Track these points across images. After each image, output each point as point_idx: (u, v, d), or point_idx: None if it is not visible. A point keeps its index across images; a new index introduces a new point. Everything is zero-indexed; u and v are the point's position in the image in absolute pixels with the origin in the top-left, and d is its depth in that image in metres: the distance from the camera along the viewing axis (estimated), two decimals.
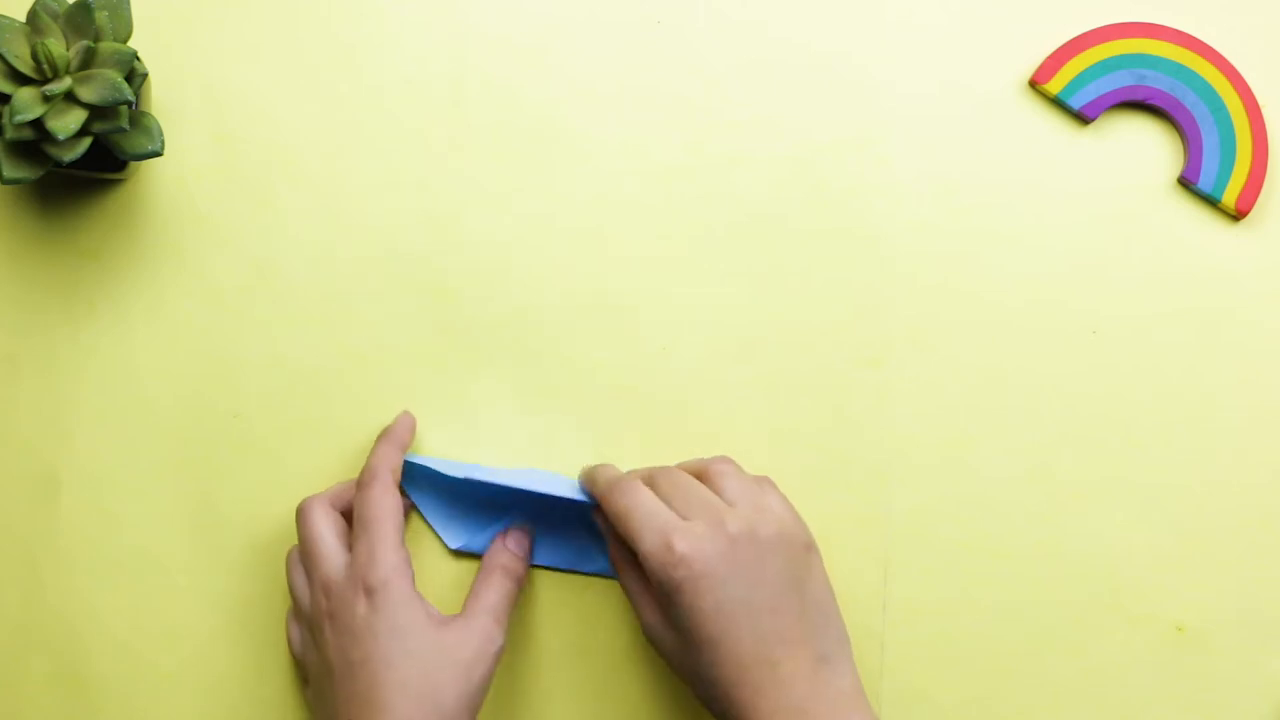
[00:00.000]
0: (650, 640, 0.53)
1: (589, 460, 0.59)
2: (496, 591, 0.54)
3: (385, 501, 0.53)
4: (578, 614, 0.58)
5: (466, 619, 0.52)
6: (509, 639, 0.55)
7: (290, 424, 0.58)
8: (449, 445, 0.58)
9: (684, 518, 0.51)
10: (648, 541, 0.50)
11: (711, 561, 0.49)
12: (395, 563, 0.51)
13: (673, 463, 0.57)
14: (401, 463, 0.56)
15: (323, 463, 0.58)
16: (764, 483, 0.54)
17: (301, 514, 0.55)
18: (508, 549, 0.56)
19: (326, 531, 0.54)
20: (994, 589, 0.58)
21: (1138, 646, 0.59)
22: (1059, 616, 0.59)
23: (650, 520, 0.51)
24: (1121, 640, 0.59)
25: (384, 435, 0.56)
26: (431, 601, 0.53)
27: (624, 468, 0.58)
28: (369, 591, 0.51)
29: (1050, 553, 0.59)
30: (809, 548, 0.53)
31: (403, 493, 0.57)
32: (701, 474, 0.54)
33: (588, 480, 0.55)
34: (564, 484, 0.57)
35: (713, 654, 0.49)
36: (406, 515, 0.57)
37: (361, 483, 0.54)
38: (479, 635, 0.52)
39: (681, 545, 0.49)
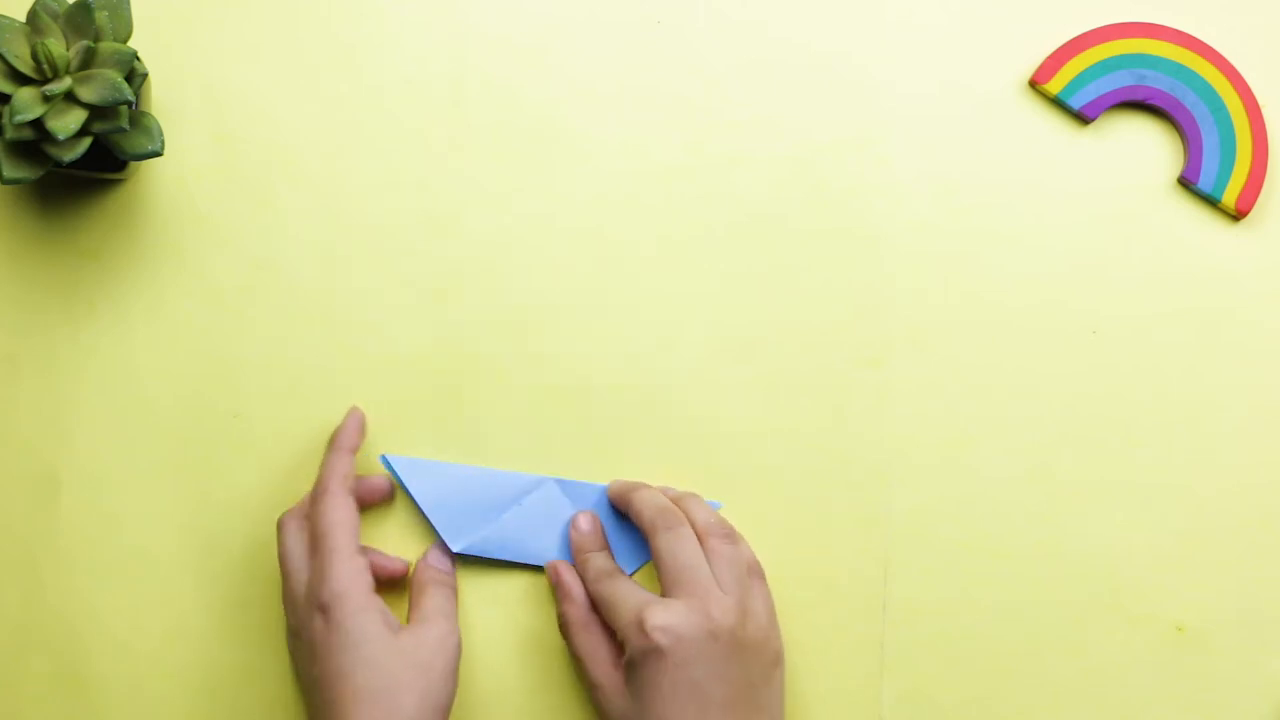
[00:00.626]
0: (596, 701, 0.53)
1: (588, 460, 0.58)
2: (438, 596, 0.54)
3: (335, 514, 0.53)
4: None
5: (417, 622, 0.53)
6: (465, 638, 0.55)
7: (290, 424, 0.58)
8: (448, 445, 0.58)
9: (672, 594, 0.52)
10: (624, 612, 0.52)
11: (682, 640, 0.50)
12: (348, 573, 0.51)
13: (671, 463, 0.57)
14: (352, 468, 0.55)
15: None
16: (756, 576, 0.55)
17: (277, 530, 0.55)
18: (431, 565, 0.56)
19: (294, 547, 0.54)
20: (994, 589, 0.58)
21: (1138, 646, 0.59)
22: (1059, 616, 0.59)
23: (630, 596, 0.52)
24: (1121, 640, 0.59)
25: (332, 441, 0.56)
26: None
27: (624, 468, 0.58)
28: (323, 608, 0.51)
29: (1050, 553, 0.59)
30: (776, 661, 0.53)
31: (403, 490, 0.57)
32: (701, 539, 0.54)
33: (580, 569, 0.56)
34: (565, 503, 0.57)
35: None
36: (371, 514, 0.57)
37: (313, 496, 0.54)
38: (433, 634, 0.52)
39: (657, 617, 0.50)
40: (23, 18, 0.51)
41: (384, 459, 0.57)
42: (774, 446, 0.59)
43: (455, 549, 0.57)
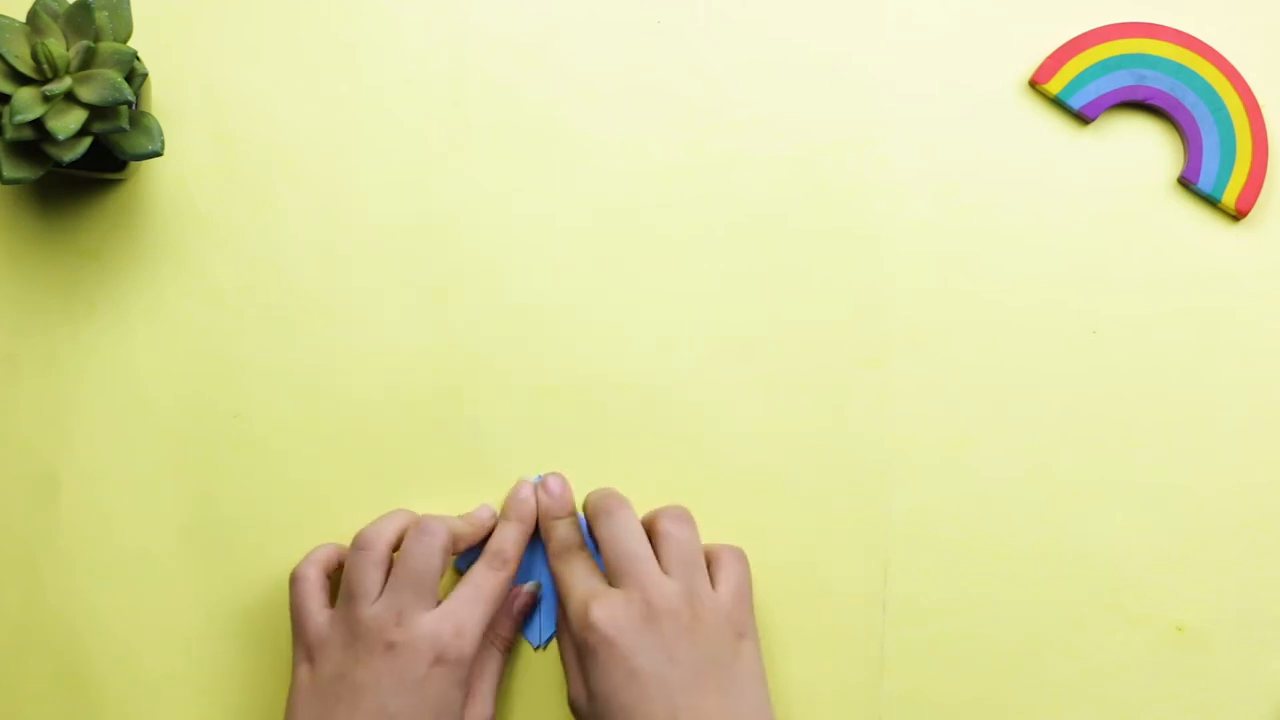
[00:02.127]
0: (572, 710, 0.53)
1: (588, 460, 0.59)
2: (494, 671, 0.54)
3: (499, 586, 0.53)
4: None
5: (477, 701, 0.53)
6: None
7: (290, 424, 0.58)
8: (448, 445, 0.58)
9: (615, 583, 0.52)
10: (572, 604, 0.52)
11: (624, 631, 0.50)
12: (477, 639, 0.52)
13: (671, 463, 0.57)
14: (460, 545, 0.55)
15: (323, 463, 0.58)
16: (726, 556, 0.55)
17: (423, 525, 0.54)
18: (500, 636, 0.55)
19: (374, 573, 0.53)
20: (994, 589, 0.58)
21: (1138, 646, 0.59)
22: (1059, 616, 0.59)
23: (578, 586, 0.53)
24: (1121, 640, 0.59)
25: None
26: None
27: (624, 468, 0.58)
28: (443, 656, 0.50)
29: (1050, 553, 0.59)
30: (742, 635, 0.53)
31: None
32: (650, 527, 0.54)
33: (545, 535, 0.56)
34: None
35: None
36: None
37: (486, 559, 0.54)
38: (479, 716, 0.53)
39: (596, 611, 0.51)
40: (23, 18, 0.51)
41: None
42: (774, 447, 0.59)
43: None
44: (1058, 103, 0.61)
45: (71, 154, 0.51)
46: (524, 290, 0.59)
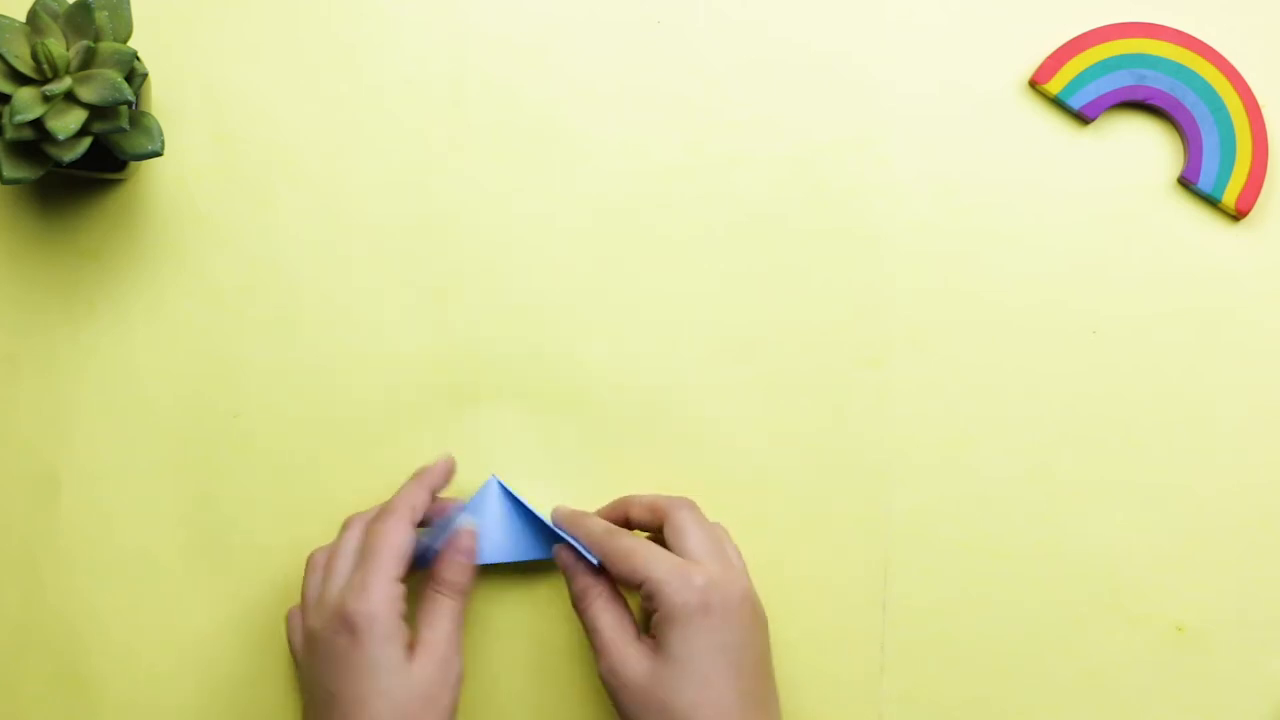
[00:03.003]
0: (614, 672, 0.51)
1: (588, 460, 0.59)
2: (448, 616, 0.53)
3: (393, 536, 0.52)
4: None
5: (428, 651, 0.52)
6: (466, 660, 0.54)
7: (290, 424, 0.58)
8: (448, 445, 0.58)
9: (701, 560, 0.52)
10: (663, 568, 0.51)
11: (728, 601, 0.50)
12: (386, 597, 0.51)
13: (671, 462, 0.57)
14: (424, 503, 0.55)
15: (323, 463, 0.58)
16: (720, 536, 0.55)
17: (348, 524, 0.55)
18: (446, 581, 0.54)
19: (346, 550, 0.54)
20: (994, 589, 0.58)
21: (1138, 646, 0.59)
22: (1059, 616, 0.59)
23: (662, 555, 0.52)
24: (1121, 640, 0.59)
25: (416, 474, 0.56)
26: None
27: (624, 467, 0.58)
28: (351, 626, 0.50)
29: (1050, 553, 0.59)
30: (764, 617, 0.53)
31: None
32: (661, 514, 0.54)
33: (571, 526, 0.55)
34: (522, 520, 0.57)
35: (700, 693, 0.49)
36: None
37: (379, 513, 0.54)
38: (441, 667, 0.52)
39: (702, 575, 0.50)
40: (23, 18, 0.51)
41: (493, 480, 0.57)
42: (774, 447, 0.59)
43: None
44: (1058, 103, 0.60)
45: (71, 154, 0.51)
46: (524, 290, 0.59)
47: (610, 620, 0.53)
